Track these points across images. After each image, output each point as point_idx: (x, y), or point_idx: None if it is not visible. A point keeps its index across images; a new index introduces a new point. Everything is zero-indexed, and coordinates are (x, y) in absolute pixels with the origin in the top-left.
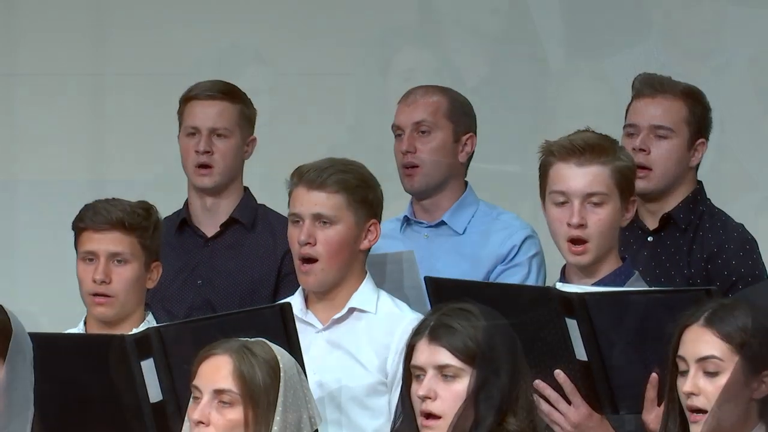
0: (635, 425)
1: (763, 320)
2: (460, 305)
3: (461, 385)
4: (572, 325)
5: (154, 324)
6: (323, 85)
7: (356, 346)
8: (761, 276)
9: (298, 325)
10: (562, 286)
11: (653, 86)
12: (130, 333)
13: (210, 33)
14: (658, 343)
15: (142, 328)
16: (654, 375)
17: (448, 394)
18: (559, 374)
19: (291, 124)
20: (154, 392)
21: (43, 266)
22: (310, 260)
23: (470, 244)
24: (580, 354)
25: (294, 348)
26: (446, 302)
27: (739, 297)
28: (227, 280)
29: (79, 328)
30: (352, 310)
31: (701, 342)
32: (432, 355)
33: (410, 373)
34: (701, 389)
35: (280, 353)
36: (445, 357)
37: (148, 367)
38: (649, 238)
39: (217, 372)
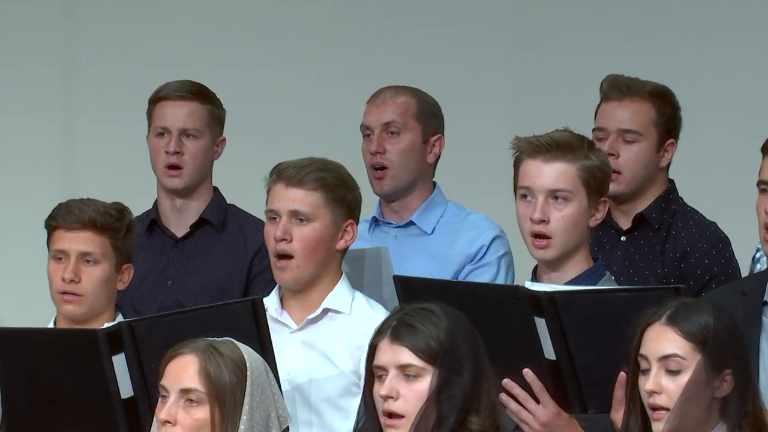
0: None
1: (725, 319)
2: (422, 305)
3: (423, 385)
4: (541, 324)
5: None
6: (297, 84)
7: (330, 346)
8: (734, 274)
9: (273, 326)
10: (531, 285)
11: (620, 89)
12: (102, 327)
13: (182, 32)
14: (627, 342)
15: None
16: (622, 374)
17: (410, 393)
18: (528, 373)
19: (261, 124)
20: (125, 388)
21: (13, 267)
22: (285, 257)
23: (439, 244)
24: (549, 353)
25: (265, 343)
26: (413, 301)
27: (703, 298)
28: (197, 280)
29: None
30: (326, 311)
31: (663, 340)
32: (394, 354)
33: (372, 373)
34: (663, 387)
35: (248, 352)
36: (407, 357)
37: (119, 362)
38: (622, 238)
39: (183, 371)
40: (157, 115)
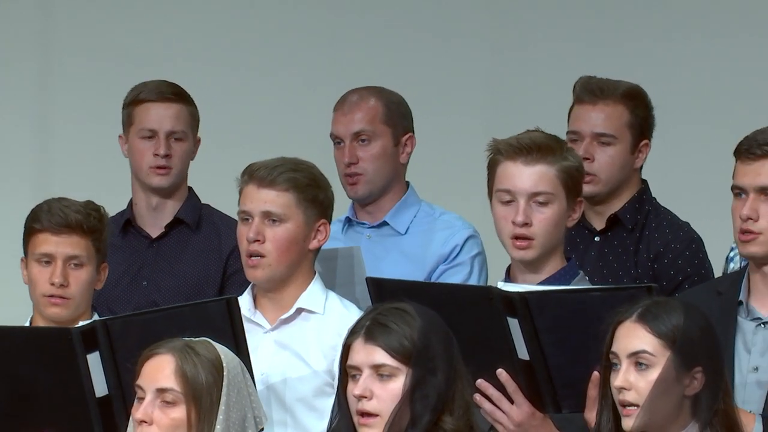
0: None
1: (696, 317)
2: (396, 305)
3: (397, 384)
4: (514, 324)
5: None
6: (270, 84)
7: (304, 346)
8: (707, 275)
9: (246, 326)
10: (504, 286)
11: (593, 92)
12: (76, 326)
13: (156, 31)
14: (600, 341)
15: None
16: (596, 374)
17: (384, 393)
18: (502, 373)
19: (235, 124)
20: (100, 386)
21: None
22: (257, 255)
23: (413, 244)
24: (522, 353)
25: (240, 342)
26: (387, 302)
27: (675, 297)
28: (172, 280)
29: None
30: (299, 311)
31: (633, 337)
32: (368, 354)
33: (346, 372)
34: (632, 384)
35: (224, 352)
36: (381, 356)
37: (94, 360)
38: (596, 239)
39: (159, 371)
40: (142, 117)
